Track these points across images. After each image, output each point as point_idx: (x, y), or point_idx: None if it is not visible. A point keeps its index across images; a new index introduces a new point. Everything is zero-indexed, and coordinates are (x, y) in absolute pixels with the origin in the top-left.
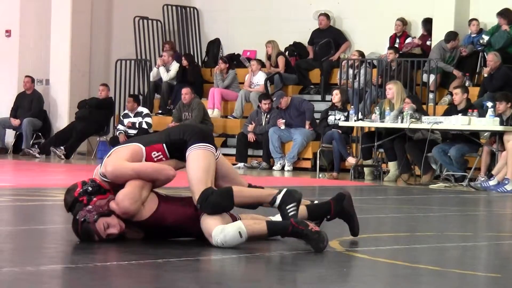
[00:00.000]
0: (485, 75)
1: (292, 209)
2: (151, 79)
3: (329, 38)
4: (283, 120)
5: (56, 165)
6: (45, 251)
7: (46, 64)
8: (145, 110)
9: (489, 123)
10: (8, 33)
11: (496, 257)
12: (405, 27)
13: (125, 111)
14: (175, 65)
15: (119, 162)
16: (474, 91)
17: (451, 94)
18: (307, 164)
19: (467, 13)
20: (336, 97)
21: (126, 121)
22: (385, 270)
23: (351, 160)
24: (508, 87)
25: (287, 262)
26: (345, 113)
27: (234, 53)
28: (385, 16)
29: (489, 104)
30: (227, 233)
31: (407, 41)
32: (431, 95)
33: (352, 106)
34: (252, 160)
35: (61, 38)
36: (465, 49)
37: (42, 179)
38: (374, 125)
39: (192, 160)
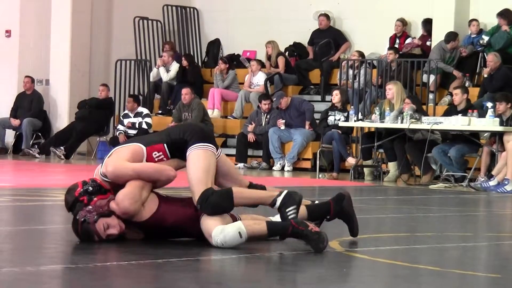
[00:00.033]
0: (485, 76)
1: (292, 211)
2: (151, 79)
3: (329, 38)
4: (283, 121)
5: (56, 165)
6: (45, 251)
7: (46, 64)
8: (145, 111)
9: (489, 123)
10: (8, 33)
11: (496, 257)
12: (405, 28)
13: (125, 111)
14: (175, 65)
15: (119, 162)
16: (474, 92)
17: (451, 94)
18: (307, 165)
19: (467, 14)
20: (336, 97)
21: (126, 121)
22: (385, 270)
23: (351, 161)
24: (508, 87)
25: (287, 263)
26: (345, 114)
27: (234, 54)
28: (385, 17)
29: (489, 104)
30: (227, 233)
31: (407, 41)
32: (431, 96)
33: (352, 106)
34: (252, 160)
35: (61, 38)
36: (465, 49)
37: (42, 179)
38: (374, 125)
39: (192, 160)
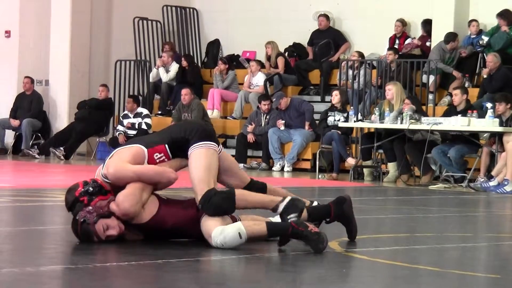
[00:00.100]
0: (485, 76)
1: (293, 219)
2: (151, 80)
3: (329, 39)
4: (283, 121)
5: (56, 166)
6: (44, 251)
7: (45, 64)
8: (144, 111)
9: (488, 124)
10: (8, 33)
11: (496, 258)
12: (404, 28)
13: (125, 112)
14: (174, 65)
15: (120, 164)
16: (474, 92)
17: (451, 95)
18: (307, 165)
19: (466, 14)
20: (335, 98)
21: (126, 121)
22: (385, 271)
23: (350, 161)
24: (507, 88)
25: (287, 263)
26: (345, 114)
27: (234, 54)
28: (385, 17)
29: (489, 105)
30: (226, 234)
31: (407, 42)
32: (430, 96)
33: (352, 107)
34: (252, 161)
35: (60, 39)
36: (464, 50)
37: (41, 180)
38: (373, 126)
39: (194, 159)
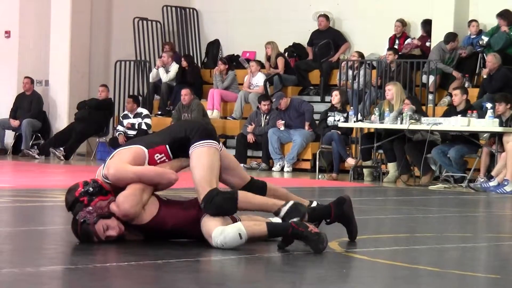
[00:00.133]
0: (485, 76)
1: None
2: (151, 80)
3: (329, 39)
4: (283, 121)
5: (56, 166)
6: (44, 252)
7: (45, 65)
8: (144, 111)
9: (488, 124)
10: (8, 34)
11: (496, 258)
12: (404, 28)
13: (125, 112)
14: (174, 66)
15: (121, 165)
16: (474, 92)
17: (451, 95)
18: (307, 165)
19: (466, 14)
20: (335, 98)
21: (126, 122)
22: (385, 271)
23: (350, 161)
24: (507, 88)
25: (287, 263)
26: (345, 114)
27: (234, 54)
28: (385, 17)
29: (489, 105)
30: (227, 234)
31: (407, 42)
32: (430, 96)
33: (352, 107)
34: (252, 161)
35: (60, 39)
36: (464, 50)
37: (41, 180)
38: (373, 126)
39: (196, 158)
